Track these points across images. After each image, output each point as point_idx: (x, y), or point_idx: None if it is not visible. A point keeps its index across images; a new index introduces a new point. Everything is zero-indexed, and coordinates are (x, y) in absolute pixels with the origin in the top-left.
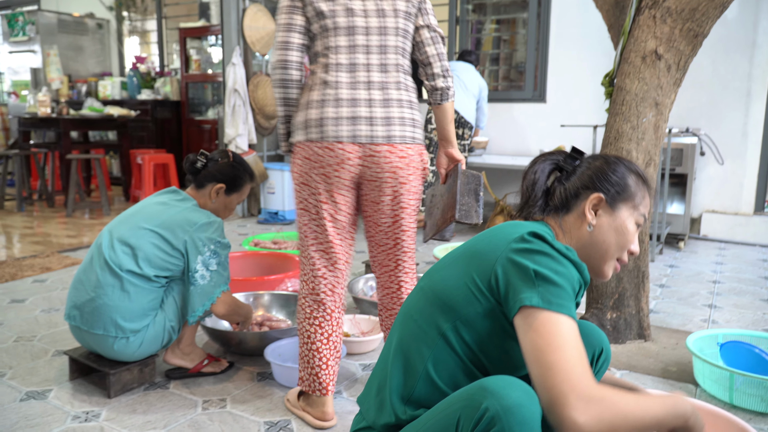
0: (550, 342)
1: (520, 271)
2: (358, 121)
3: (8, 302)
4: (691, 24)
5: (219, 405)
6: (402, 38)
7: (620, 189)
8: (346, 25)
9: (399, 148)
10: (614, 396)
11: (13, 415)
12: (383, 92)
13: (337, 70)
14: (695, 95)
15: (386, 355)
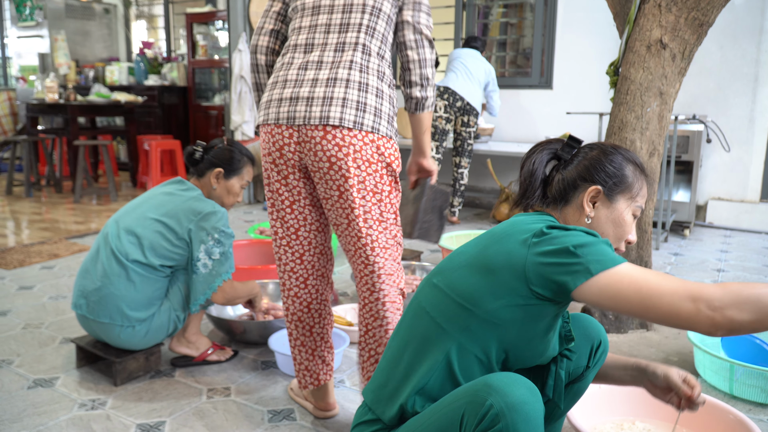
0: (638, 288)
1: (558, 255)
2: (298, 102)
3: (16, 289)
4: (696, 13)
5: (223, 393)
6: (372, 17)
7: (618, 181)
8: (312, 5)
9: (337, 133)
10: (732, 285)
11: (21, 402)
12: (332, 71)
13: (294, 50)
14: (702, 81)
15: (396, 349)
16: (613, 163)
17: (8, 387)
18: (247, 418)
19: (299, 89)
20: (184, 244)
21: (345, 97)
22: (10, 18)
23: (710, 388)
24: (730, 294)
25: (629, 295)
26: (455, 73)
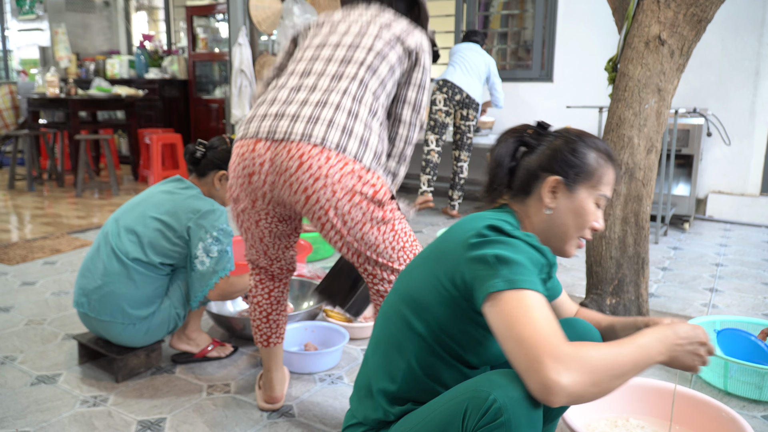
0: (515, 316)
1: (481, 263)
2: (282, 118)
3: (19, 285)
4: (695, 9)
5: (223, 390)
6: (377, 60)
7: (579, 170)
8: (319, 42)
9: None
10: (589, 349)
11: (24, 399)
12: (324, 95)
13: (290, 75)
14: (703, 74)
15: (369, 356)
16: (574, 151)
17: (12, 384)
18: (246, 414)
19: (286, 107)
20: (184, 242)
21: (332, 120)
22: (10, 11)
23: (705, 385)
24: (586, 377)
25: (502, 323)
26: (454, 66)
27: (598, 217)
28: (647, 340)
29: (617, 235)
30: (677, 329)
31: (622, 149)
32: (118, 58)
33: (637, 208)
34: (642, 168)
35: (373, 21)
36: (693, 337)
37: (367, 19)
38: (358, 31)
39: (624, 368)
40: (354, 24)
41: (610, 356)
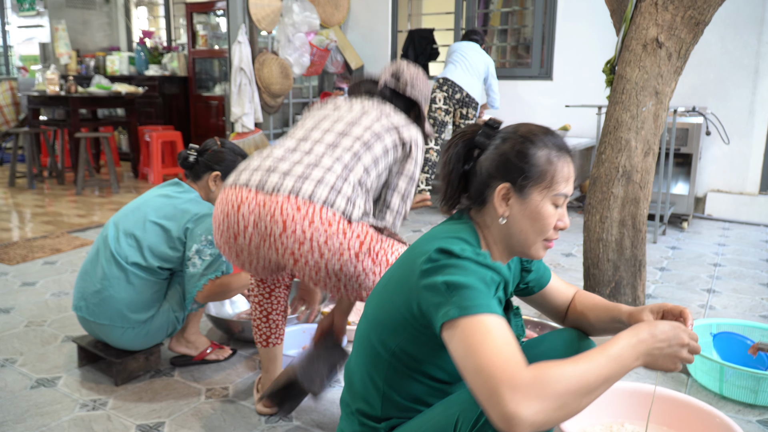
0: (470, 345)
1: (433, 291)
2: (273, 173)
3: (19, 285)
4: (692, 12)
5: (222, 394)
6: (372, 138)
7: (528, 173)
8: (320, 115)
9: (300, 201)
10: (551, 371)
11: (24, 402)
12: (317, 158)
13: (290, 137)
14: (703, 73)
15: (348, 379)
16: (521, 155)
17: (12, 387)
18: (244, 419)
19: (279, 164)
20: (181, 245)
21: (321, 178)
22: (10, 7)
23: (701, 389)
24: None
25: (458, 351)
26: (454, 65)
27: (560, 216)
28: (619, 349)
29: (614, 237)
30: (655, 331)
31: (620, 152)
32: (118, 54)
33: (634, 211)
34: (639, 171)
35: (375, 107)
36: (672, 338)
37: (369, 107)
38: (359, 112)
39: (592, 385)
40: (357, 106)
41: (575, 375)
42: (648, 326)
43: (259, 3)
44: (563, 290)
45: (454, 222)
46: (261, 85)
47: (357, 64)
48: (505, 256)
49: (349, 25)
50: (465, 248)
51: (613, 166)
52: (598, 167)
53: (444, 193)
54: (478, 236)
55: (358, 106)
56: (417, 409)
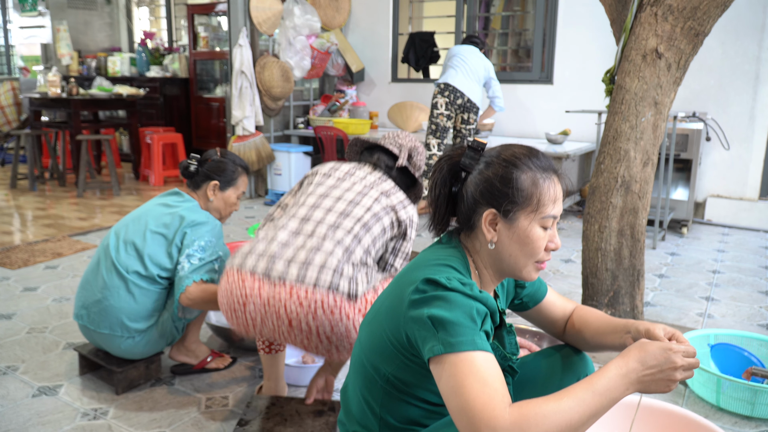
0: (454, 383)
1: (419, 324)
2: (279, 260)
3: (21, 290)
4: (692, 23)
5: (221, 403)
6: (372, 219)
7: (513, 199)
8: (322, 192)
9: (304, 291)
10: (530, 412)
11: (26, 411)
12: (319, 241)
13: (292, 218)
14: (703, 78)
15: (345, 404)
16: (504, 180)
17: (14, 395)
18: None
19: (284, 250)
20: (177, 251)
21: (324, 264)
22: (12, 7)
23: (698, 400)
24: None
25: (444, 389)
26: (455, 69)
27: (550, 237)
28: (607, 381)
29: (613, 247)
30: (645, 359)
31: (619, 162)
32: (120, 55)
33: (633, 221)
34: (638, 181)
35: (375, 185)
36: (663, 364)
37: (370, 182)
38: (360, 190)
39: (576, 423)
40: (358, 183)
41: (558, 414)
42: (637, 352)
43: (260, 6)
44: (560, 305)
45: (443, 246)
46: (262, 88)
47: (358, 67)
48: (496, 279)
49: (350, 28)
50: (452, 278)
51: (612, 176)
52: (597, 177)
53: (433, 217)
54: (468, 262)
55: (359, 184)
56: (413, 431)
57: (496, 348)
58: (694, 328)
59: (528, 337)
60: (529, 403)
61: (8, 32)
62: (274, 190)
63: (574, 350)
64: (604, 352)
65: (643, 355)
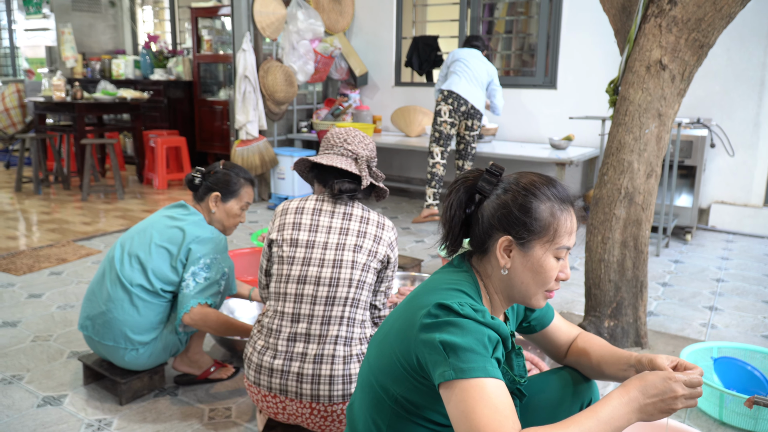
0: (464, 409)
1: (431, 348)
2: (289, 377)
3: (26, 297)
4: (696, 34)
5: (224, 415)
6: (358, 290)
7: (530, 227)
8: (298, 274)
9: (322, 406)
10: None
11: (31, 422)
12: (319, 346)
13: (282, 318)
14: (708, 84)
15: (351, 423)
16: (523, 208)
17: (19, 405)
18: None
19: (290, 363)
20: (182, 266)
21: (331, 375)
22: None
23: (701, 414)
24: None
25: (453, 414)
26: (458, 75)
27: (562, 268)
28: (610, 410)
29: (616, 258)
30: (646, 388)
31: (622, 174)
32: (124, 58)
33: (636, 232)
34: (642, 192)
35: (347, 230)
36: (664, 392)
37: (342, 228)
38: (335, 259)
39: None
40: (330, 237)
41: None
42: (638, 382)
43: (263, 11)
44: (565, 331)
45: (454, 270)
46: (265, 93)
47: (361, 71)
48: (506, 304)
49: (353, 32)
50: (464, 304)
51: (616, 188)
52: (601, 188)
53: (445, 238)
54: (479, 286)
55: (330, 245)
56: None
57: (505, 372)
58: (697, 339)
59: (530, 349)
60: (538, 430)
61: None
62: (277, 194)
63: (582, 375)
64: (604, 381)
65: (644, 384)
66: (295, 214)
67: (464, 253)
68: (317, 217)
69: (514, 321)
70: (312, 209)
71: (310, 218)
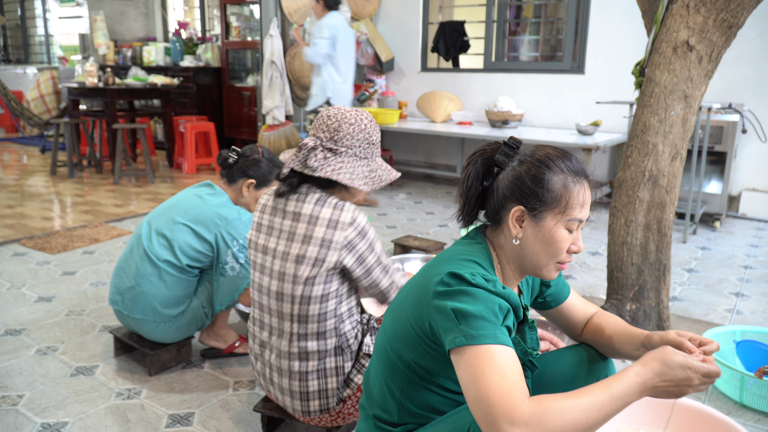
0: (474, 374)
1: (443, 315)
2: (267, 381)
3: (60, 274)
4: (725, 14)
5: (248, 387)
6: (300, 306)
7: (542, 197)
8: (257, 277)
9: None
10: (548, 407)
11: (64, 390)
12: (278, 360)
13: (253, 322)
14: (740, 69)
15: (368, 383)
16: (536, 179)
17: (53, 374)
18: None
19: (264, 368)
20: (211, 248)
21: (291, 390)
22: None
23: (721, 397)
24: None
25: (463, 380)
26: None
27: (574, 240)
28: (624, 387)
29: (639, 241)
30: (664, 372)
31: (647, 156)
32: (155, 45)
33: (660, 215)
34: (666, 175)
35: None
36: (681, 381)
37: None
38: (280, 271)
39: (591, 422)
40: (277, 243)
41: (575, 411)
42: (659, 365)
43: None
44: (581, 308)
45: (469, 242)
46: (292, 78)
47: (387, 57)
48: (518, 275)
49: (380, 18)
50: (476, 274)
51: (640, 170)
52: (624, 171)
53: (462, 209)
54: (492, 257)
55: (281, 241)
56: (432, 417)
57: (517, 343)
58: (721, 323)
59: (550, 329)
60: (548, 397)
61: (47, 22)
62: None
63: (599, 353)
64: (623, 358)
65: (664, 369)
66: (260, 213)
67: (480, 226)
68: (272, 217)
69: (529, 296)
70: (271, 208)
71: (267, 218)
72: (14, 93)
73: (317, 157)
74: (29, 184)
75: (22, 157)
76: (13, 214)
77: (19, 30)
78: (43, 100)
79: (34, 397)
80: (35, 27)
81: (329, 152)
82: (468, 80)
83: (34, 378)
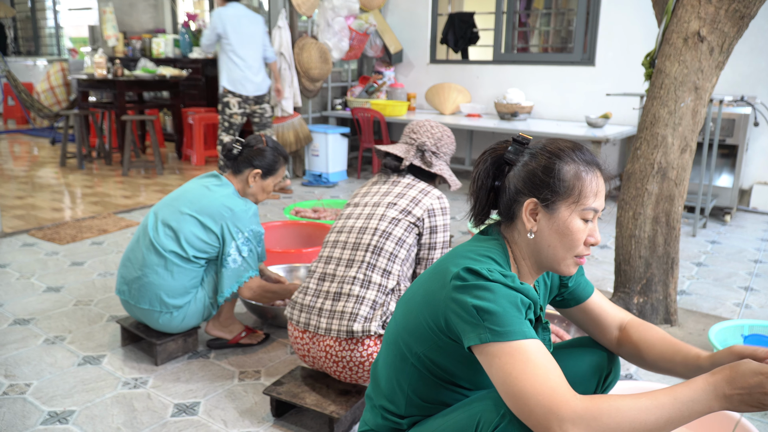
0: (511, 371)
1: (463, 311)
2: (312, 312)
3: (69, 265)
4: (737, 5)
5: (254, 377)
6: (380, 238)
7: (554, 189)
8: (341, 225)
9: (339, 345)
10: (602, 405)
11: (72, 378)
12: (338, 285)
13: (319, 261)
14: (753, 61)
15: (375, 374)
16: (547, 170)
17: (61, 363)
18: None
19: (316, 299)
20: (216, 239)
21: (343, 311)
22: None
23: None
24: (589, 412)
25: (499, 376)
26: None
27: (590, 231)
28: (690, 393)
29: (647, 234)
30: (734, 379)
31: (656, 148)
32: (164, 37)
33: (668, 208)
34: (675, 167)
35: (388, 192)
36: (753, 387)
37: (384, 191)
38: (369, 213)
39: (652, 424)
40: (372, 198)
41: (634, 411)
42: (729, 372)
43: None
44: (610, 312)
45: (484, 238)
46: (300, 70)
47: (396, 48)
48: (535, 272)
49: (388, 9)
50: (493, 270)
51: (648, 163)
52: (633, 163)
53: (473, 208)
54: (507, 253)
55: (371, 202)
56: (439, 410)
57: None
58: (729, 318)
59: (556, 322)
60: (601, 396)
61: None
62: (311, 170)
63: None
64: (668, 375)
65: (733, 375)
66: (361, 188)
67: (494, 222)
68: (372, 187)
69: (546, 295)
70: (371, 182)
71: (367, 189)
72: (24, 85)
73: (427, 156)
74: (39, 176)
75: (32, 149)
76: (23, 205)
77: (29, 22)
78: (53, 92)
79: (42, 386)
80: (45, 19)
81: (433, 155)
82: (477, 72)
83: (42, 367)
